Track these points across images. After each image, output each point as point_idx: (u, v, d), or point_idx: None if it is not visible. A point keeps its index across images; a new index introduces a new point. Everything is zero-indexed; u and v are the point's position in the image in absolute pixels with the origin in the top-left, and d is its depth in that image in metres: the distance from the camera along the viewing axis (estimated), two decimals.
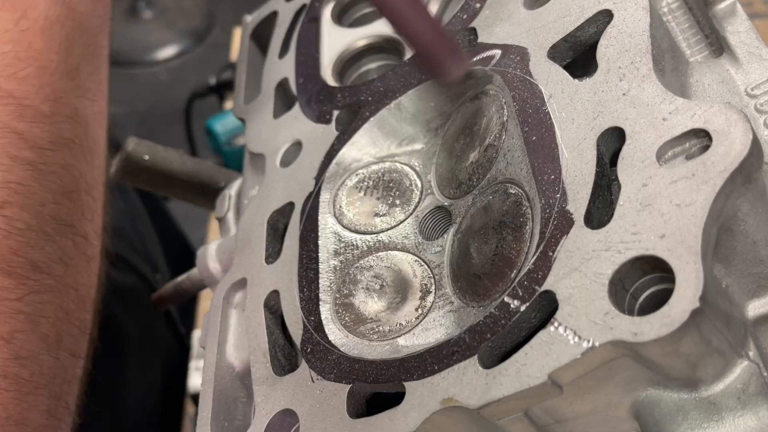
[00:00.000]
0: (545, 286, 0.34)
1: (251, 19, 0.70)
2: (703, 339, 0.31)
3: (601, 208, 0.36)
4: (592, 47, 0.41)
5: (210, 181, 0.70)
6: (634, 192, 0.34)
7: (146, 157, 0.67)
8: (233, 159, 1.07)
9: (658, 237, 0.32)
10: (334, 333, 0.42)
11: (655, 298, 0.34)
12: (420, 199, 0.47)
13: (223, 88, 1.29)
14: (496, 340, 0.35)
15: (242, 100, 0.63)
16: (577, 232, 0.35)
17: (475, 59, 0.46)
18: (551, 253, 0.35)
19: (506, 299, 0.36)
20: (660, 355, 0.31)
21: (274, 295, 0.47)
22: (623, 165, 0.35)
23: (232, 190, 0.60)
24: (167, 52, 3.04)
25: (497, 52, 0.45)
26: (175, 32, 3.09)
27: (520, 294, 0.35)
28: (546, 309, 0.35)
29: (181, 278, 0.58)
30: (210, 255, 0.55)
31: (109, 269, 0.84)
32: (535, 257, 0.36)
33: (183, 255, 1.10)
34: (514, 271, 0.38)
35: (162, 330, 0.98)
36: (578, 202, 0.36)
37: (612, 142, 0.37)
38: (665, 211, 0.32)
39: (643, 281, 0.34)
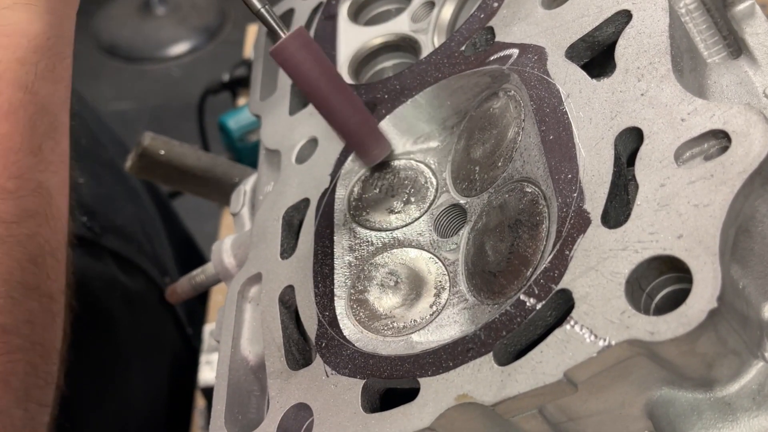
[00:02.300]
0: (561, 285, 0.35)
1: None
2: (720, 339, 0.31)
3: (618, 207, 0.36)
4: (610, 47, 0.41)
5: (224, 177, 0.70)
6: (651, 192, 0.34)
7: (162, 152, 0.67)
8: (246, 155, 1.08)
9: (675, 237, 0.32)
10: (349, 328, 0.43)
11: (671, 298, 0.34)
12: (435, 196, 0.47)
13: (236, 85, 1.29)
14: (512, 338, 0.35)
15: (258, 97, 0.63)
16: (593, 232, 0.35)
17: (492, 58, 0.46)
18: (568, 252, 0.35)
19: (522, 297, 0.36)
20: (676, 354, 0.31)
21: (289, 290, 0.47)
22: (641, 165, 0.35)
23: (247, 185, 0.60)
24: (180, 48, 3.05)
25: (515, 51, 0.45)
26: (187, 29, 3.10)
27: (536, 292, 0.35)
28: (562, 307, 0.35)
29: (195, 272, 0.59)
30: (225, 250, 0.55)
31: (118, 273, 0.85)
32: (551, 256, 0.36)
33: (192, 258, 1.11)
34: (530, 270, 0.38)
35: (169, 332, 0.98)
36: (595, 201, 0.36)
37: (629, 142, 0.37)
38: (683, 212, 0.32)
39: (660, 281, 0.34)
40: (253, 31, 1.42)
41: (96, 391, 0.74)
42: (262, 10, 0.47)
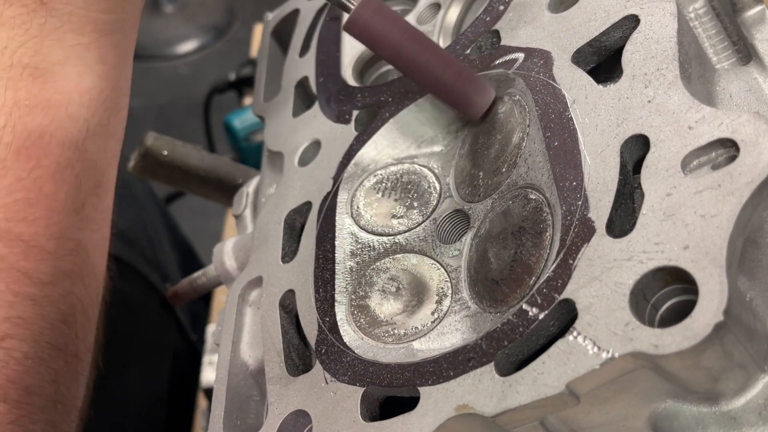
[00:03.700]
0: (565, 295, 0.34)
1: (273, 16, 0.70)
2: (726, 353, 0.30)
3: (623, 216, 0.35)
4: (617, 53, 0.40)
5: (228, 178, 0.70)
6: (657, 201, 0.33)
7: (165, 152, 0.67)
8: (251, 155, 1.07)
9: (681, 248, 0.31)
10: (349, 335, 0.42)
11: (676, 310, 0.33)
12: (438, 201, 0.46)
13: (243, 84, 1.29)
14: (514, 348, 0.35)
15: (262, 98, 0.63)
16: (598, 241, 0.34)
17: (497, 61, 0.46)
18: (571, 261, 0.35)
19: (524, 306, 0.35)
20: (681, 368, 0.30)
21: (290, 294, 0.47)
22: (647, 173, 0.34)
23: (250, 187, 0.60)
24: (187, 46, 3.05)
25: (520, 56, 0.44)
26: (195, 27, 3.10)
27: (539, 302, 0.35)
28: (565, 318, 0.34)
29: (197, 274, 0.58)
30: (226, 252, 0.55)
31: (117, 279, 0.84)
32: (555, 265, 0.35)
33: (193, 264, 1.11)
34: (533, 278, 0.37)
35: (172, 338, 0.98)
36: (600, 209, 0.35)
37: (636, 149, 0.36)
38: (689, 222, 0.32)
39: (665, 292, 0.33)
40: (260, 30, 1.41)
41: (92, 396, 0.74)
42: None
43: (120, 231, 0.89)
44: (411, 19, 0.58)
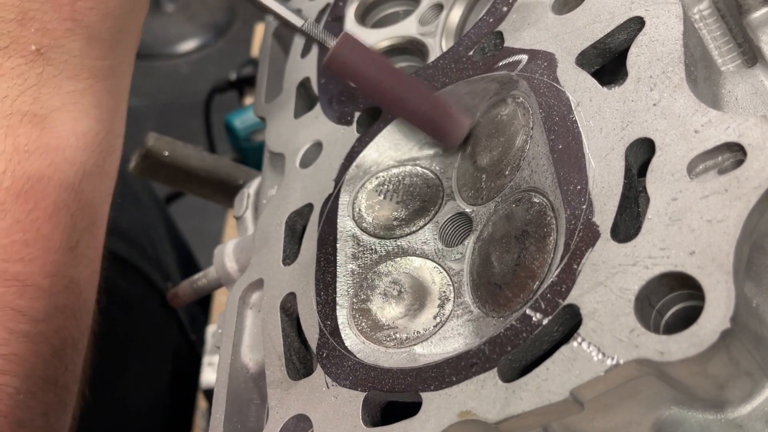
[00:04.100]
0: (569, 300, 0.34)
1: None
2: (732, 360, 0.30)
3: (628, 221, 0.35)
4: (622, 55, 0.40)
5: (228, 179, 0.69)
6: (663, 206, 0.33)
7: (166, 153, 0.67)
8: (252, 155, 1.07)
9: (687, 253, 0.31)
10: (351, 338, 0.42)
11: (681, 316, 0.33)
12: (440, 204, 0.46)
13: (243, 84, 1.29)
14: (517, 354, 0.35)
15: (263, 99, 0.62)
16: (602, 245, 0.34)
17: (500, 63, 0.45)
18: (576, 266, 0.34)
19: (528, 311, 0.35)
20: (686, 375, 0.30)
21: (291, 297, 0.46)
22: (652, 177, 0.34)
23: (251, 188, 0.59)
24: (188, 45, 3.05)
25: (524, 57, 0.44)
26: (196, 26, 3.10)
27: (543, 307, 0.34)
28: (569, 323, 0.34)
29: (197, 276, 0.58)
30: (227, 254, 0.55)
31: (118, 278, 0.84)
32: (558, 269, 0.35)
33: (192, 264, 1.11)
34: (537, 283, 0.37)
35: (172, 337, 0.97)
36: (605, 214, 0.35)
37: (641, 153, 0.36)
38: (695, 227, 0.31)
39: (670, 298, 0.33)
40: (261, 29, 1.41)
41: (90, 396, 0.74)
42: (306, 26, 0.47)
43: (121, 230, 0.89)
44: (413, 20, 0.58)
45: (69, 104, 0.49)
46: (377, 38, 0.58)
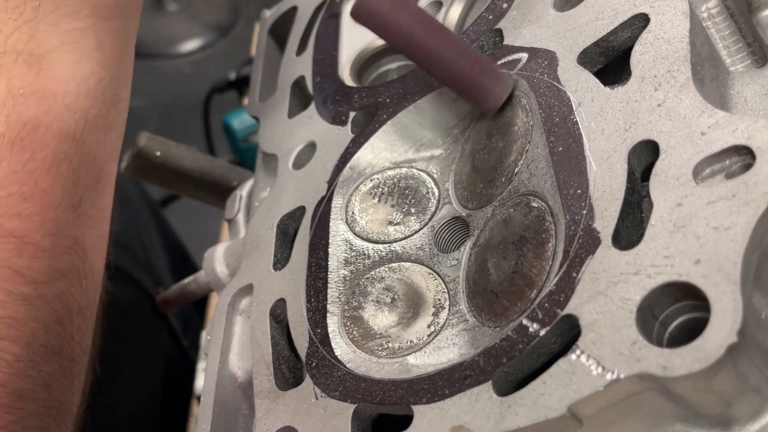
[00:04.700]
0: (567, 310, 0.32)
1: (270, 13, 0.68)
2: (740, 376, 0.28)
3: (631, 227, 0.33)
4: (626, 53, 0.38)
5: (222, 180, 0.68)
6: (667, 211, 0.31)
7: (158, 154, 0.65)
8: (250, 156, 1.06)
9: (692, 262, 0.29)
10: (341, 347, 0.40)
11: (686, 327, 0.31)
12: (437, 208, 0.44)
13: (243, 84, 1.27)
14: (513, 366, 0.33)
15: (257, 98, 0.61)
16: (603, 253, 0.32)
17: (500, 62, 0.44)
18: (575, 274, 0.33)
19: (525, 321, 0.33)
20: (691, 391, 0.28)
21: (281, 303, 0.45)
22: (656, 182, 0.32)
23: (244, 190, 0.58)
24: (191, 45, 3.04)
25: (524, 56, 0.42)
26: (199, 25, 3.09)
27: (540, 317, 0.33)
28: (567, 334, 0.32)
29: (187, 280, 0.56)
30: (217, 258, 0.53)
31: (108, 284, 0.83)
32: (557, 277, 0.33)
33: (186, 267, 1.09)
34: (534, 291, 0.35)
35: (164, 343, 0.96)
36: (606, 219, 0.33)
37: (644, 156, 0.34)
38: (701, 234, 0.30)
39: (674, 308, 0.31)
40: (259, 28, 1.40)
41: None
42: None
43: (113, 234, 0.87)
44: None
45: (68, 44, 0.45)
46: (374, 36, 0.56)
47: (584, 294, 0.32)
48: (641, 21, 0.38)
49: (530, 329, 0.33)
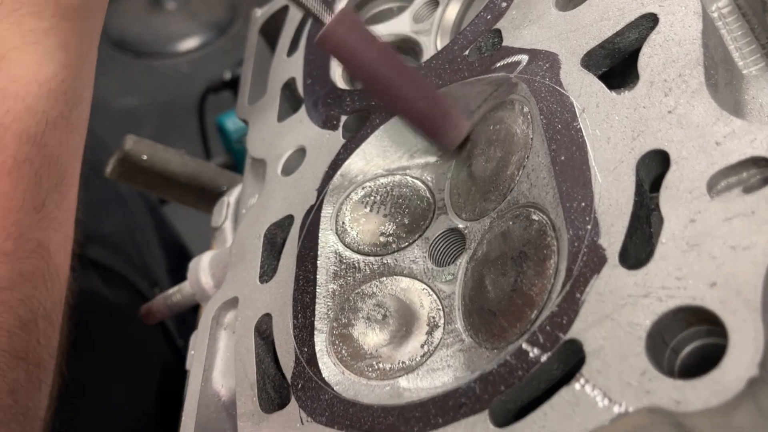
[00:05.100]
0: (571, 334, 0.30)
1: (261, 12, 0.65)
2: (761, 411, 0.26)
3: (639, 244, 0.31)
4: (633, 56, 0.36)
5: (211, 185, 0.65)
6: (679, 228, 0.29)
7: (144, 157, 0.63)
8: (244, 158, 1.03)
9: (707, 285, 0.27)
10: (329, 368, 0.38)
11: (699, 354, 0.29)
12: (431, 218, 0.42)
13: (238, 84, 1.25)
14: (511, 394, 0.30)
15: (246, 100, 0.59)
16: (610, 272, 0.30)
17: (498, 64, 0.41)
18: (579, 295, 0.30)
19: (524, 346, 0.31)
20: (707, 427, 0.26)
21: (267, 318, 0.42)
22: (667, 195, 0.30)
23: (232, 197, 0.55)
24: (189, 43, 3.01)
25: (524, 58, 0.40)
26: (197, 24, 3.06)
27: (541, 341, 0.30)
28: (570, 361, 0.30)
29: (172, 291, 0.54)
30: (203, 268, 0.51)
31: (100, 286, 0.80)
32: (559, 298, 0.31)
33: (185, 267, 1.06)
34: (535, 312, 0.33)
35: (158, 345, 0.93)
36: (612, 235, 0.31)
37: (654, 166, 0.32)
38: (717, 254, 0.27)
39: (687, 334, 0.29)
40: None
41: (72, 410, 0.70)
42: None
43: (103, 236, 0.85)
44: (407, 17, 0.54)
45: (30, 44, 0.43)
46: None
47: (589, 317, 0.29)
48: (650, 21, 0.36)
49: (530, 354, 0.30)
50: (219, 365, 0.45)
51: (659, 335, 0.28)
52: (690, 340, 0.29)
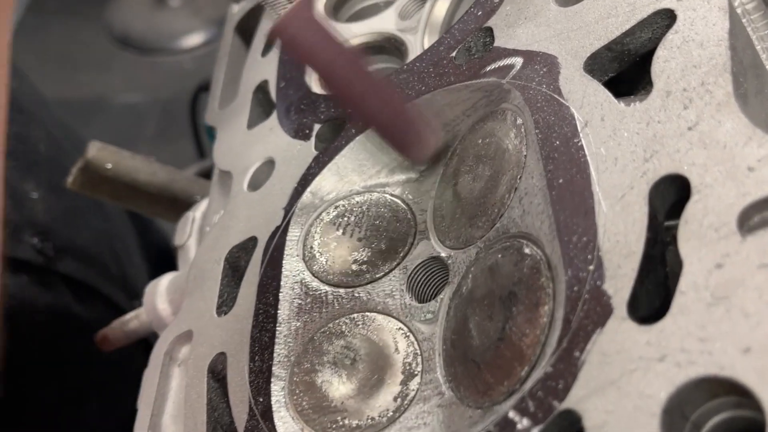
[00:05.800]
0: (567, 404, 0.24)
1: (238, 8, 0.60)
2: None
3: (652, 291, 0.25)
4: (645, 59, 0.30)
5: (183, 195, 0.60)
6: (702, 275, 0.23)
7: (109, 166, 0.58)
8: None
9: (739, 351, 0.21)
10: (286, 423, 0.32)
11: (726, 428, 0.23)
12: (412, 244, 0.37)
13: None
14: None
15: (217, 104, 0.53)
16: (616, 327, 0.24)
17: (489, 68, 0.36)
18: (578, 354, 0.25)
19: (512, 415, 0.25)
20: None
21: (222, 357, 0.37)
22: (687, 232, 0.24)
23: (198, 211, 0.50)
24: (193, 40, 2.97)
25: (518, 60, 0.34)
26: (201, 20, 3.02)
27: (531, 409, 0.25)
28: None
29: (129, 316, 0.49)
30: (159, 293, 0.45)
31: (71, 302, 0.75)
32: (555, 356, 0.25)
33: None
34: (525, 369, 0.27)
35: (137, 362, 0.88)
36: (619, 280, 0.25)
37: (669, 195, 0.27)
38: (752, 311, 0.22)
39: (711, 405, 0.23)
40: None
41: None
42: None
43: (79, 247, 0.80)
44: (392, 13, 0.48)
45: None
46: (349, 34, 0.49)
47: (590, 382, 0.24)
48: (665, 19, 0.30)
49: (518, 426, 0.25)
50: (170, 408, 0.39)
51: (678, 408, 0.23)
52: (714, 413, 0.23)
